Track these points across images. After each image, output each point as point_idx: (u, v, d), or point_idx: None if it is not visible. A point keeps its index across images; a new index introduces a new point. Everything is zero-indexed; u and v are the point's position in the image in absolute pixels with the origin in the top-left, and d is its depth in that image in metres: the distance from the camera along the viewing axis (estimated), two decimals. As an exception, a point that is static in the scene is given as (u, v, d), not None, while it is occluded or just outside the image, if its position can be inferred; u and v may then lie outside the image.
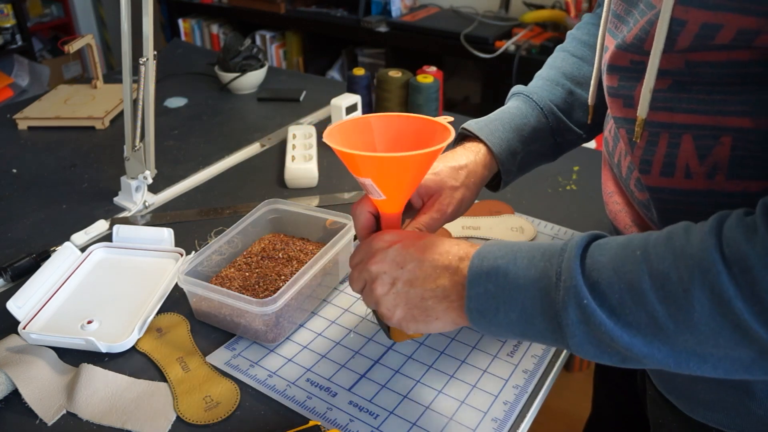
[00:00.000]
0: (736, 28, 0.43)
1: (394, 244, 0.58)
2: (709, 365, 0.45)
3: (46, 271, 0.82)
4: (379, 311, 0.58)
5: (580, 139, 0.78)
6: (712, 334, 0.43)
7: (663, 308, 0.44)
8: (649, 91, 0.50)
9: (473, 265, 0.53)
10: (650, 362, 0.46)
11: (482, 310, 0.52)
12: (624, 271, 0.46)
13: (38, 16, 3.45)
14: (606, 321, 0.46)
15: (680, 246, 0.44)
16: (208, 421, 0.65)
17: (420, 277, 0.56)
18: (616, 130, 0.60)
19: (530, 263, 0.50)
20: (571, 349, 0.49)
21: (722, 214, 0.45)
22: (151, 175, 1.04)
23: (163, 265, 0.87)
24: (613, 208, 0.66)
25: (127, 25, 0.93)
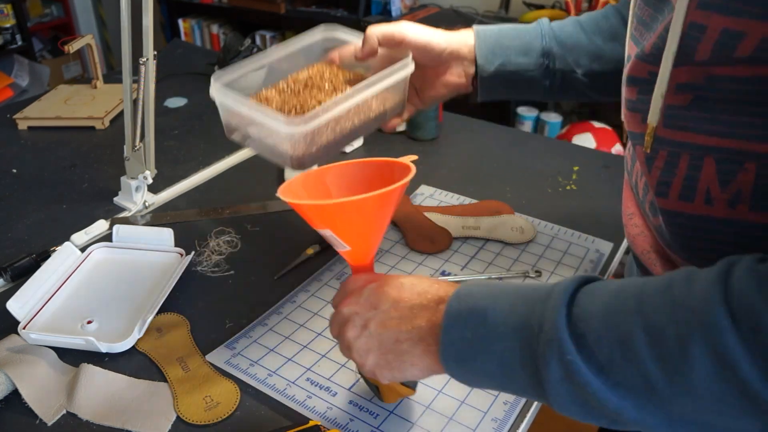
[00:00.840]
0: (760, 36, 0.40)
1: (370, 283, 0.55)
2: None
3: (46, 271, 0.82)
4: (352, 358, 0.54)
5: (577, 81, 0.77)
6: (713, 401, 0.38)
7: (657, 368, 0.39)
8: (660, 96, 0.47)
9: (450, 307, 0.48)
10: (642, 428, 0.42)
11: (458, 357, 0.47)
12: (615, 323, 0.41)
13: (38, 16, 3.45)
14: (593, 380, 0.41)
15: (680, 296, 0.39)
16: (208, 421, 0.65)
17: (395, 318, 0.51)
18: (632, 147, 0.58)
19: (512, 309, 0.46)
20: (554, 407, 0.44)
21: (731, 260, 0.39)
22: (151, 175, 1.04)
23: (163, 265, 0.87)
24: (632, 230, 0.63)
25: (127, 25, 0.92)
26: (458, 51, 0.75)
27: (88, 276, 0.86)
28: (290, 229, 0.98)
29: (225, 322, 0.79)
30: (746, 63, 0.43)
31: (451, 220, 0.96)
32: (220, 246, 0.93)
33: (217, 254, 0.91)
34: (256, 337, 0.76)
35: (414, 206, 1.00)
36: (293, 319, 0.79)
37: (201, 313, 0.80)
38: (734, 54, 0.43)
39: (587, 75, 0.76)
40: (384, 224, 0.57)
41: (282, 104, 0.71)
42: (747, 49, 0.41)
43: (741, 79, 0.44)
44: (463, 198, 1.04)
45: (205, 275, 0.87)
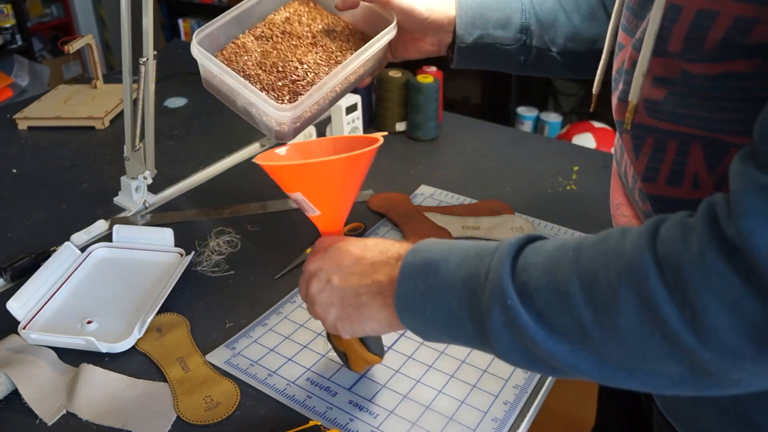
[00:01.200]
0: (733, 15, 0.41)
1: (335, 243, 0.57)
2: (637, 380, 0.42)
3: (46, 271, 0.82)
4: (314, 312, 0.57)
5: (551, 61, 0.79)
6: (639, 344, 0.39)
7: (589, 312, 0.41)
8: (641, 74, 0.49)
9: (406, 260, 0.51)
10: (576, 373, 0.43)
11: (410, 307, 0.50)
12: (554, 273, 0.43)
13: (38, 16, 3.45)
14: (531, 325, 0.43)
15: (613, 246, 0.41)
16: (208, 421, 0.65)
17: (356, 274, 0.54)
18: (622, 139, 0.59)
19: (462, 261, 0.48)
20: (496, 354, 0.46)
21: (662, 216, 0.42)
22: (151, 175, 1.04)
23: (163, 265, 0.87)
24: (620, 221, 0.64)
25: (127, 25, 0.92)
26: (439, 21, 0.77)
27: (88, 276, 0.86)
28: (290, 229, 0.98)
29: (225, 322, 0.79)
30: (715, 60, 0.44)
31: (451, 220, 0.96)
32: (220, 246, 0.93)
33: (217, 254, 0.91)
34: (256, 337, 0.76)
35: (414, 206, 1.00)
36: (293, 319, 0.79)
37: (201, 313, 0.80)
38: (704, 46, 0.44)
39: (561, 54, 0.78)
40: (353, 191, 0.59)
41: (262, 58, 0.71)
42: (721, 27, 0.42)
43: (712, 76, 0.45)
44: (463, 198, 1.04)
45: (205, 275, 0.87)
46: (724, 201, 0.38)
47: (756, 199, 0.36)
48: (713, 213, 0.38)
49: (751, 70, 0.43)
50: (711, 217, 0.38)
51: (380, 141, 0.59)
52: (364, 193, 1.05)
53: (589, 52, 0.77)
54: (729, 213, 0.37)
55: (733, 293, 0.36)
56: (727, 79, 0.44)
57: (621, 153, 0.61)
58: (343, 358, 0.66)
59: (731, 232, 0.36)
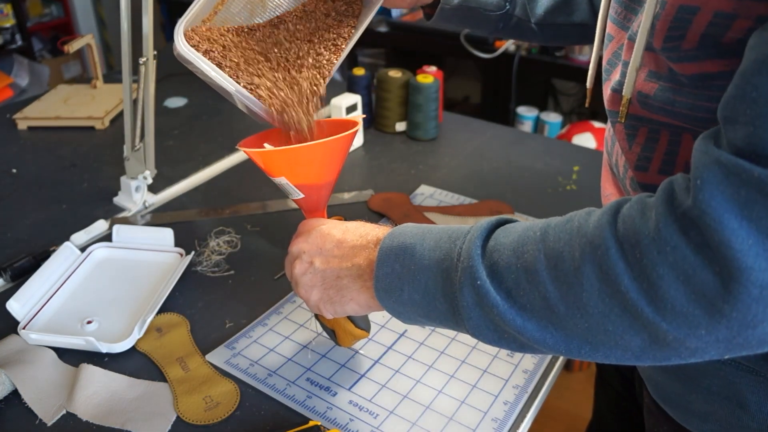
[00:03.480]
0: (713, 10, 0.42)
1: (318, 226, 0.59)
2: (600, 353, 0.44)
3: (46, 271, 0.82)
4: (298, 293, 0.59)
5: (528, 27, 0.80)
6: (601, 317, 0.41)
7: (555, 288, 0.43)
8: (635, 69, 0.50)
9: (384, 244, 0.52)
10: (544, 348, 0.45)
11: (388, 289, 0.51)
12: (522, 252, 0.45)
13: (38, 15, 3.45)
14: (500, 303, 0.45)
15: (578, 225, 0.43)
16: (208, 421, 0.65)
17: (337, 257, 0.56)
18: (611, 125, 0.60)
19: (437, 244, 0.50)
20: (469, 332, 0.48)
21: (626, 197, 0.44)
22: (151, 175, 1.04)
23: (163, 265, 0.87)
24: None
25: (127, 25, 0.92)
26: None
27: (88, 276, 0.86)
28: (290, 229, 0.97)
29: (225, 322, 0.79)
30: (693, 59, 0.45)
31: (451, 220, 0.96)
32: (220, 246, 0.93)
33: (217, 254, 0.91)
34: (256, 337, 0.76)
35: (414, 206, 1.00)
36: (293, 319, 0.79)
37: (201, 313, 0.80)
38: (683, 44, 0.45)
39: (539, 25, 0.80)
40: (334, 174, 0.62)
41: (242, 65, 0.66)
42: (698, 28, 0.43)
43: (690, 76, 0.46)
44: (463, 198, 1.04)
45: (205, 275, 0.87)
46: (683, 179, 0.40)
47: (713, 173, 0.37)
48: (671, 190, 0.40)
49: (727, 70, 0.44)
50: (669, 194, 0.40)
51: (359, 125, 0.61)
52: (364, 193, 1.05)
53: (567, 24, 0.80)
54: (687, 188, 0.39)
55: (686, 264, 0.38)
56: (705, 79, 0.46)
57: (612, 143, 0.62)
58: (331, 334, 0.67)
59: (688, 204, 0.38)
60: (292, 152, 0.58)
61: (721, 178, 0.37)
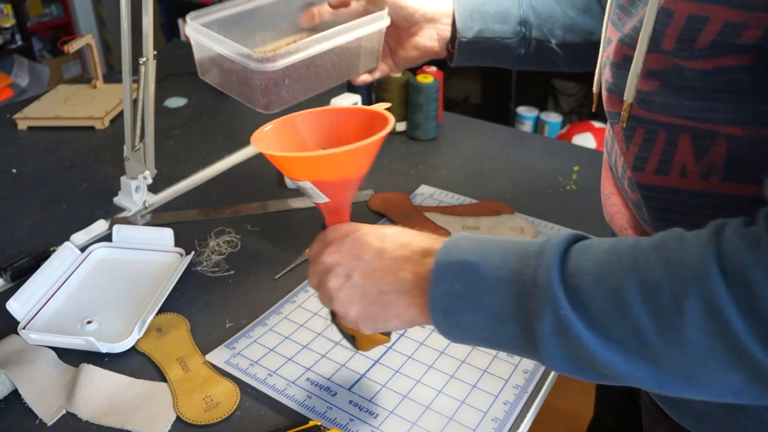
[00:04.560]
0: (722, 21, 0.42)
1: (351, 233, 0.53)
2: (695, 390, 0.42)
3: (46, 271, 0.82)
4: (334, 308, 0.54)
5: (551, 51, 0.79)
6: (703, 355, 0.39)
7: (650, 322, 0.40)
8: (636, 75, 0.50)
9: (439, 259, 0.48)
10: (630, 381, 0.43)
11: (447, 310, 0.47)
12: (609, 279, 0.42)
13: (38, 16, 3.45)
14: (585, 334, 0.42)
15: (675, 255, 0.41)
16: (208, 421, 0.65)
17: (378, 269, 0.51)
18: (610, 126, 0.60)
19: (503, 262, 0.46)
20: (544, 362, 0.45)
21: (720, 222, 0.41)
22: (151, 175, 1.04)
23: (163, 265, 0.87)
24: (610, 209, 0.65)
25: (127, 25, 0.92)
26: (432, 13, 0.77)
27: (88, 276, 0.86)
28: (290, 229, 0.98)
29: (225, 322, 0.79)
30: (707, 57, 0.45)
31: (451, 220, 0.96)
32: (220, 246, 0.93)
33: (217, 254, 0.91)
34: (256, 337, 0.76)
35: (414, 206, 1.00)
36: (293, 319, 0.79)
37: (201, 313, 0.80)
38: (696, 45, 0.45)
39: (561, 45, 0.78)
40: (362, 175, 0.55)
41: None
42: (712, 32, 0.43)
43: (705, 72, 0.46)
44: (463, 198, 1.04)
45: (205, 275, 0.87)
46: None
47: None
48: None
49: (742, 65, 0.44)
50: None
51: (391, 119, 0.53)
52: (364, 193, 1.05)
53: (587, 43, 0.78)
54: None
55: None
56: (719, 73, 0.45)
57: (612, 143, 0.62)
58: (351, 340, 0.62)
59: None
60: (324, 158, 0.51)
61: None
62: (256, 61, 0.62)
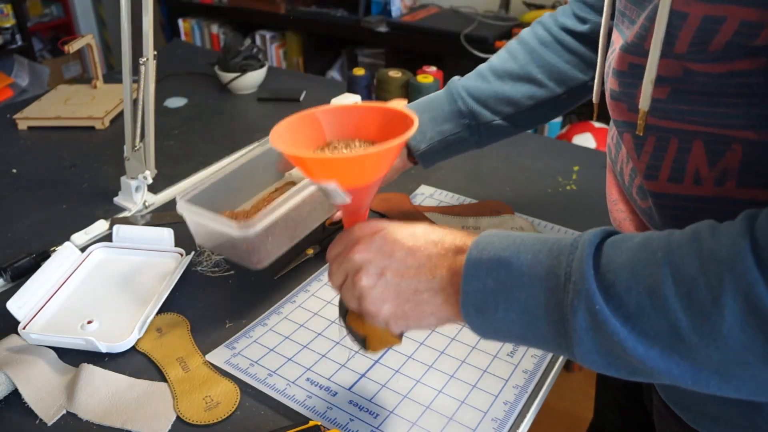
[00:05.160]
0: (739, 19, 0.42)
1: (380, 231, 0.52)
2: (732, 386, 0.41)
3: (46, 271, 0.82)
4: (363, 307, 0.53)
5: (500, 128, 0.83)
6: (741, 350, 0.38)
7: (687, 317, 0.39)
8: (650, 82, 0.48)
9: (471, 256, 0.47)
10: (665, 378, 0.42)
11: (480, 307, 0.47)
12: (644, 275, 0.41)
13: (38, 16, 3.45)
14: (620, 329, 0.41)
15: (709, 248, 0.40)
16: (208, 421, 0.65)
17: (413, 267, 0.50)
18: (618, 137, 0.59)
19: (535, 259, 0.45)
20: (576, 357, 0.44)
21: (750, 212, 0.40)
22: (151, 175, 1.04)
23: (163, 265, 0.87)
24: (617, 216, 0.65)
25: (127, 25, 0.92)
26: None
27: (88, 276, 0.86)
28: (290, 229, 0.97)
29: (225, 322, 0.79)
30: (720, 60, 0.44)
31: (451, 220, 0.96)
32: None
33: (217, 254, 0.91)
34: (256, 337, 0.76)
35: (414, 206, 1.00)
36: (293, 319, 0.79)
37: (201, 313, 0.80)
38: (709, 48, 0.44)
39: (506, 119, 0.82)
40: (383, 175, 0.54)
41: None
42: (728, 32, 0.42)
43: (715, 74, 0.45)
44: (463, 198, 1.04)
45: (205, 275, 0.87)
46: None
47: None
48: None
49: (755, 68, 0.44)
50: None
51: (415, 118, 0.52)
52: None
53: (528, 107, 0.81)
54: None
55: None
56: (731, 77, 0.45)
57: (616, 150, 0.61)
58: (361, 341, 0.60)
59: None
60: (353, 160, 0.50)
61: None
62: (237, 229, 0.70)
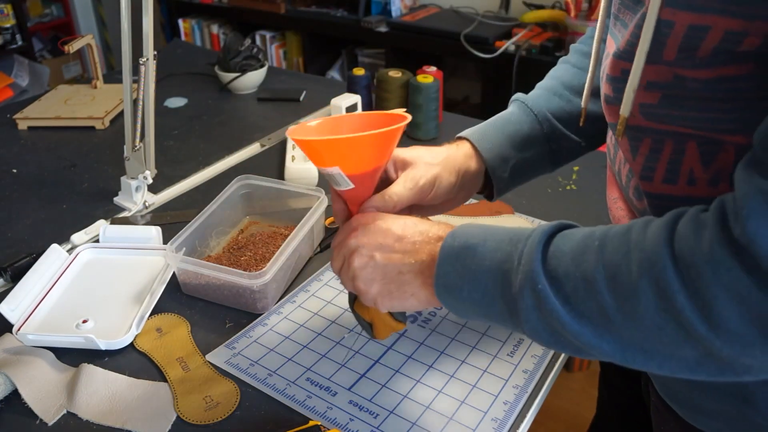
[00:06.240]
0: (723, 29, 0.43)
1: (375, 221, 0.59)
2: (655, 363, 0.45)
3: (34, 274, 0.81)
4: (356, 286, 0.59)
5: (579, 147, 0.77)
6: (656, 330, 0.43)
7: (612, 299, 0.44)
8: (632, 90, 0.50)
9: (446, 243, 0.53)
10: (599, 354, 0.47)
11: (449, 287, 0.53)
12: (581, 261, 0.46)
13: (38, 16, 3.45)
14: (559, 308, 0.46)
15: (635, 239, 0.44)
16: (208, 421, 0.65)
17: (399, 252, 0.56)
18: (615, 139, 0.60)
19: (498, 246, 0.51)
20: (526, 333, 0.49)
21: (680, 210, 0.45)
22: (151, 175, 1.04)
23: (152, 263, 0.88)
24: (617, 213, 0.65)
25: (127, 25, 0.92)
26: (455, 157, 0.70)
27: (77, 277, 0.86)
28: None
29: (225, 322, 0.79)
30: (708, 65, 0.45)
31: (451, 220, 0.96)
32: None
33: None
34: (256, 337, 0.76)
35: (414, 206, 1.00)
36: (293, 319, 0.79)
37: (201, 313, 0.80)
38: (698, 53, 0.45)
39: (579, 134, 0.75)
40: (383, 165, 0.61)
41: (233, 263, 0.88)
42: (714, 40, 0.44)
43: (705, 80, 0.46)
44: (463, 198, 1.04)
45: (205, 275, 0.87)
46: (733, 202, 0.41)
47: (759, 203, 0.39)
48: (723, 212, 0.41)
49: (744, 73, 0.44)
50: (721, 216, 0.41)
51: (408, 117, 0.60)
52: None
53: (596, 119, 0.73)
54: (736, 215, 0.40)
55: (739, 286, 0.39)
56: (721, 82, 0.46)
57: (614, 151, 0.61)
58: (368, 328, 0.66)
59: (737, 232, 0.39)
60: (352, 141, 0.57)
61: (765, 209, 0.38)
62: (248, 278, 0.76)
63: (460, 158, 0.69)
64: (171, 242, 0.81)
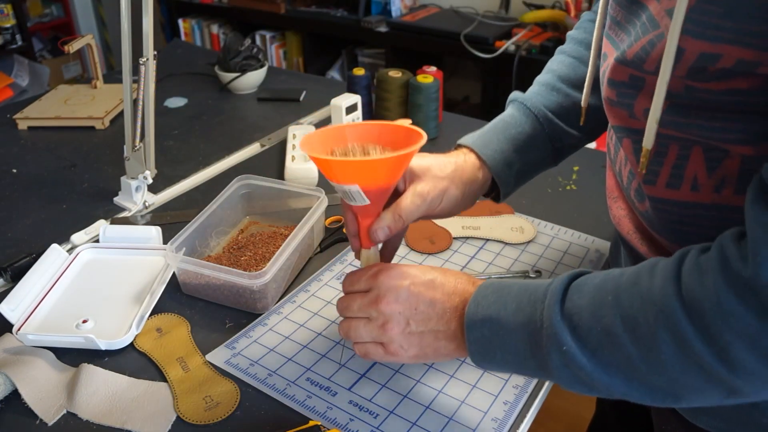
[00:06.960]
0: (736, 58, 0.43)
1: (404, 284, 0.60)
2: (684, 402, 0.48)
3: (33, 275, 0.81)
4: (389, 349, 0.60)
5: (580, 141, 0.78)
6: (680, 375, 0.45)
7: (635, 350, 0.46)
8: (655, 122, 0.49)
9: (469, 311, 0.56)
10: (632, 399, 0.49)
11: (482, 353, 0.56)
12: (600, 316, 0.48)
13: (38, 16, 3.45)
14: (586, 364, 0.49)
15: (646, 290, 0.47)
16: (208, 421, 0.65)
17: (433, 318, 0.59)
18: (617, 139, 0.59)
19: (518, 308, 0.54)
20: (562, 387, 0.53)
21: (683, 252, 0.47)
22: (151, 175, 1.04)
23: (152, 263, 0.87)
24: (616, 212, 0.65)
25: (127, 25, 0.92)
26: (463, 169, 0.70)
27: (77, 277, 0.86)
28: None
29: (225, 322, 0.79)
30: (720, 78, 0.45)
31: (451, 220, 0.96)
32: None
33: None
34: (256, 337, 0.76)
35: (414, 206, 1.00)
36: (293, 319, 0.79)
37: (201, 313, 0.80)
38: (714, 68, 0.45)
39: (579, 129, 0.76)
40: (396, 181, 0.62)
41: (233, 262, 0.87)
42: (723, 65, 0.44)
43: (718, 91, 0.46)
44: (463, 198, 1.03)
45: (205, 275, 0.87)
46: (735, 247, 0.43)
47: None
48: (725, 257, 0.43)
49: (756, 87, 0.44)
50: (723, 262, 0.43)
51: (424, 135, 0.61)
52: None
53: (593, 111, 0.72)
54: (742, 257, 0.42)
55: (750, 331, 0.41)
56: (732, 94, 0.45)
57: (615, 150, 0.61)
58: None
59: (748, 275, 0.41)
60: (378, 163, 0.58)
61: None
62: (248, 278, 0.76)
63: (468, 170, 0.70)
64: (171, 242, 0.80)
